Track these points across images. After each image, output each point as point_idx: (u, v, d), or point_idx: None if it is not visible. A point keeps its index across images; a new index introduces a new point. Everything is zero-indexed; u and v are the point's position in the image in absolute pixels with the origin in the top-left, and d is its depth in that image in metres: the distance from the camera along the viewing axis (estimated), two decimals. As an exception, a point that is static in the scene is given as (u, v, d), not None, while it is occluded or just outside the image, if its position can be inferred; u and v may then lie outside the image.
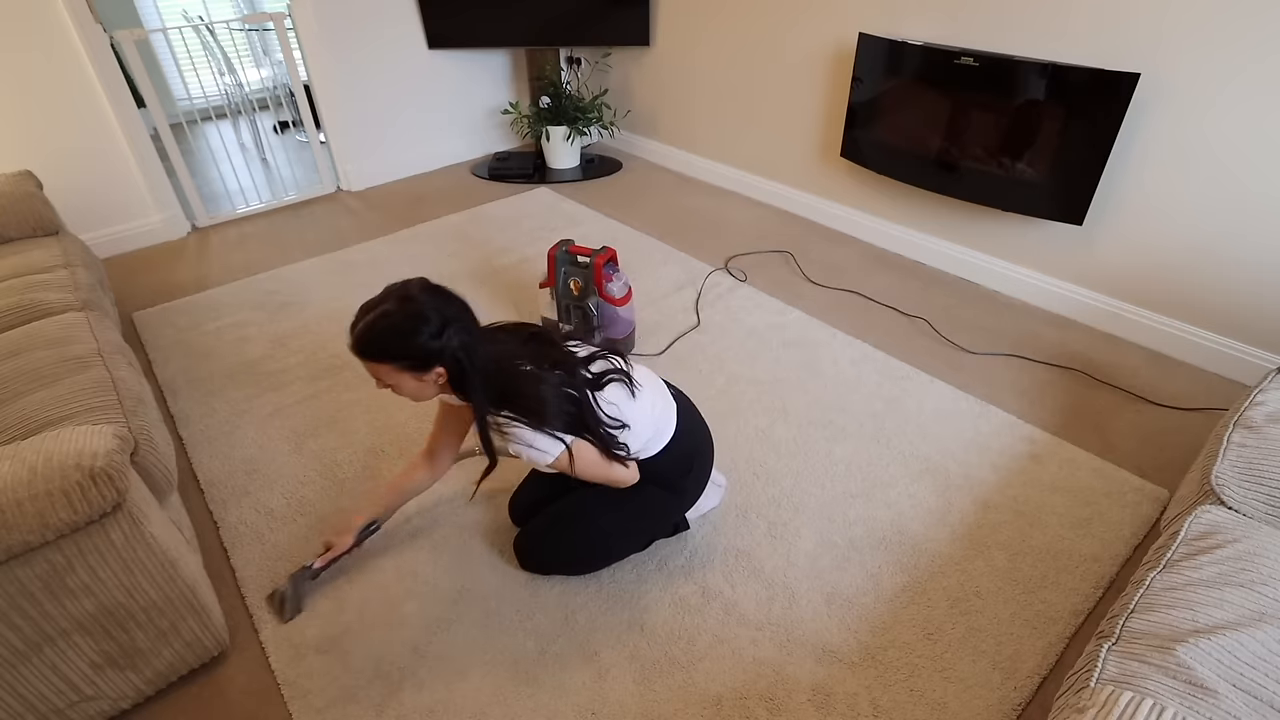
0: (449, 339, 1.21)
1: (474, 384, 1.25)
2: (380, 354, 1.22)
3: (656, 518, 1.57)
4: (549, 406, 1.26)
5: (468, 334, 1.24)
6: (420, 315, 1.21)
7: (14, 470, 1.07)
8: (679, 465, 1.51)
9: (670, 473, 1.50)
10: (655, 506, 1.53)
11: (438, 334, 1.21)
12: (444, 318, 1.22)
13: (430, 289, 1.25)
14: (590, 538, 1.54)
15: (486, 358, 1.26)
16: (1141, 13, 2.00)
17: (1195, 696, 0.87)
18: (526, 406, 1.26)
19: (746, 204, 3.44)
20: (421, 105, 3.79)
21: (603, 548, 1.56)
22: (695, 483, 1.56)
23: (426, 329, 1.20)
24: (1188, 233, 2.13)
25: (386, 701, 1.35)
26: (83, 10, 2.67)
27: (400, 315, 1.21)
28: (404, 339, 1.20)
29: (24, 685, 1.16)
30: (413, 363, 1.22)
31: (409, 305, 1.21)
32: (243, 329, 2.51)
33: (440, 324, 1.21)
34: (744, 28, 3.15)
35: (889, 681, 1.36)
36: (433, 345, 1.21)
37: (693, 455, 1.53)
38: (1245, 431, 1.34)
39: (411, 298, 1.22)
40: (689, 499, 1.57)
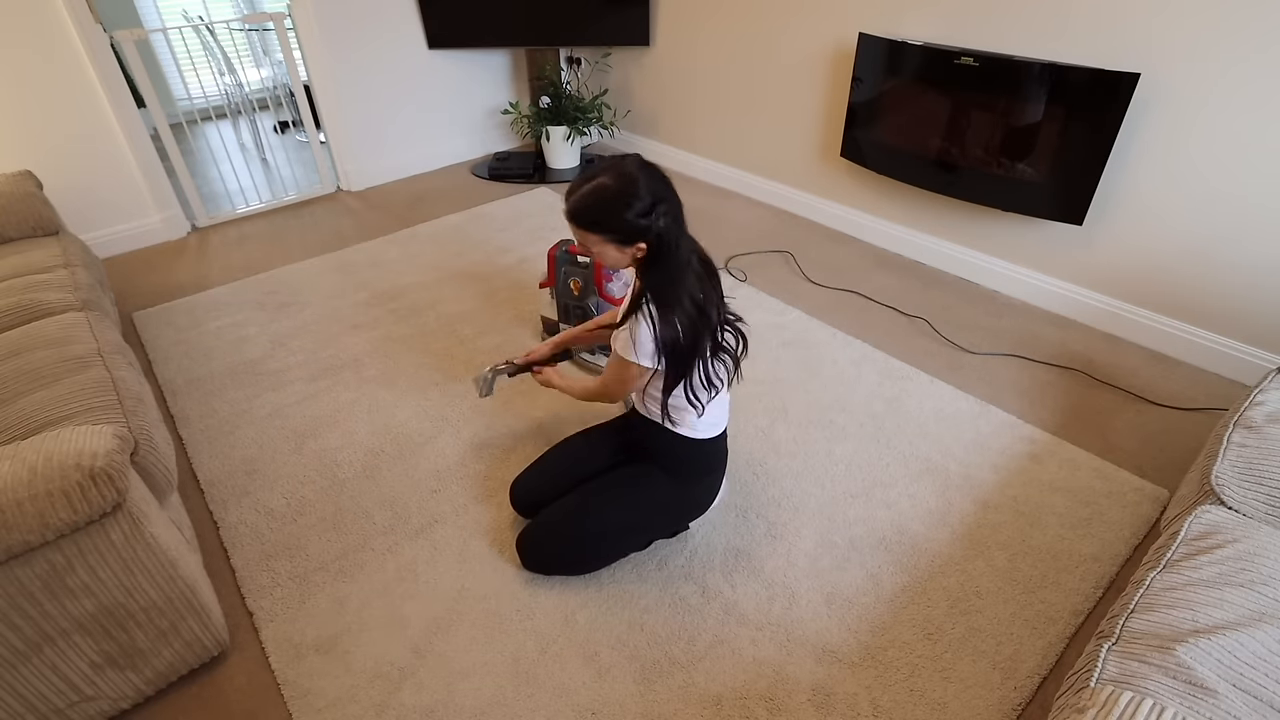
0: (657, 219, 1.27)
1: (658, 268, 1.32)
2: (592, 224, 1.30)
3: (661, 518, 1.60)
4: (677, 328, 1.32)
5: (674, 220, 1.30)
6: (634, 192, 1.26)
7: (14, 470, 1.07)
8: (706, 460, 1.58)
9: (696, 462, 1.56)
10: (662, 506, 1.57)
11: (647, 211, 1.26)
12: (655, 197, 1.27)
13: (645, 166, 1.30)
14: (595, 537, 1.55)
15: (678, 253, 1.31)
16: (1141, 13, 2.00)
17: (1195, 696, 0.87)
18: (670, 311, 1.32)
19: (746, 204, 3.44)
20: (421, 105, 3.79)
21: (606, 546, 1.58)
22: (708, 488, 1.61)
23: (638, 204, 1.26)
24: (1188, 233, 2.13)
25: (386, 701, 1.35)
26: (83, 10, 2.67)
27: (617, 189, 1.26)
28: (616, 213, 1.27)
29: (24, 685, 1.16)
30: (620, 236, 1.29)
31: (626, 181, 1.27)
32: (243, 329, 2.51)
33: (651, 203, 1.27)
34: (744, 27, 3.15)
35: (889, 681, 1.36)
36: (641, 223, 1.27)
37: (718, 459, 1.60)
38: (1245, 431, 1.34)
39: (628, 174, 1.27)
40: (697, 503, 1.60)
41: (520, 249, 3.03)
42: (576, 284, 2.20)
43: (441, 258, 2.98)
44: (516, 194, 3.61)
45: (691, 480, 1.56)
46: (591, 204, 1.28)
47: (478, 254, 3.00)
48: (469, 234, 3.19)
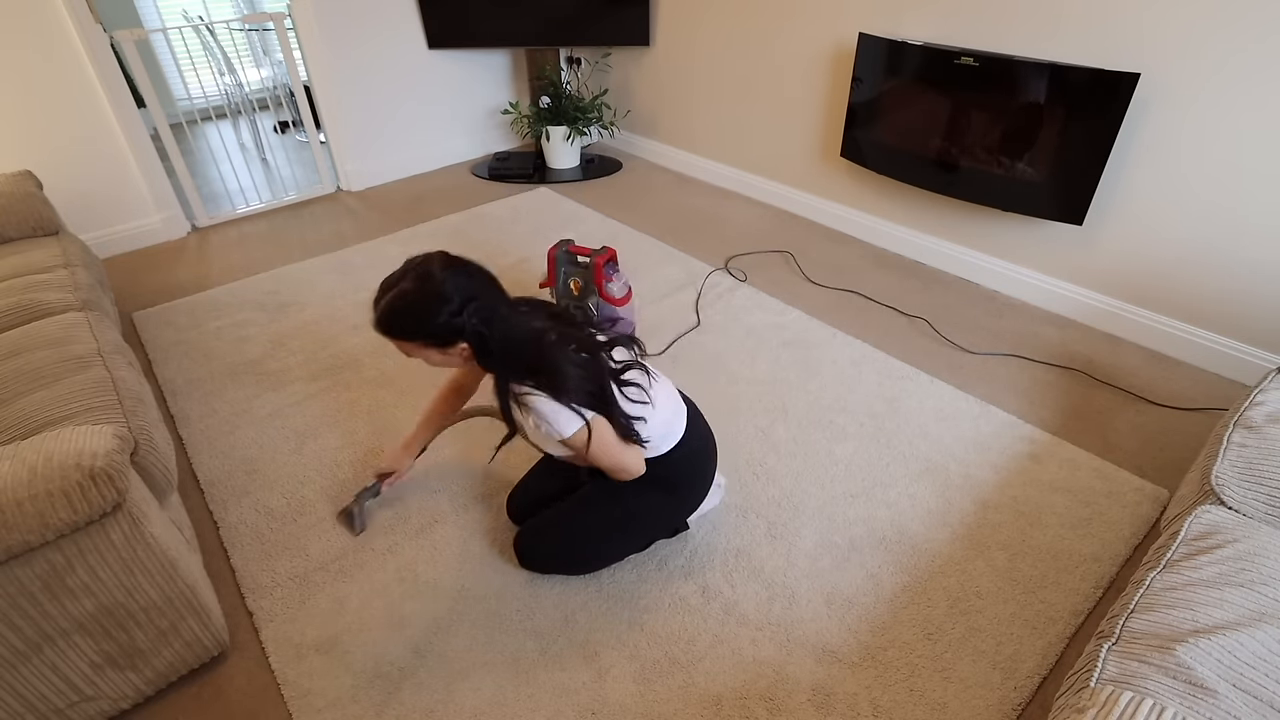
0: (469, 317, 1.21)
1: (496, 359, 1.25)
2: (401, 333, 1.24)
3: (655, 521, 1.57)
4: (571, 380, 1.26)
5: (489, 310, 1.24)
6: (439, 295, 1.20)
7: (14, 470, 1.07)
8: (684, 467, 1.51)
9: (675, 474, 1.50)
10: (654, 510, 1.53)
11: (458, 312, 1.21)
12: (465, 295, 1.21)
13: (451, 264, 1.25)
14: (589, 538, 1.54)
15: (508, 333, 1.25)
16: (1142, 13, 2.00)
17: (1195, 696, 0.87)
18: (550, 380, 1.25)
19: (746, 204, 3.44)
20: (421, 105, 3.79)
21: (601, 549, 1.57)
22: (697, 489, 1.56)
23: (446, 308, 1.20)
24: (1188, 233, 2.13)
25: (386, 701, 1.35)
26: (83, 10, 2.67)
27: (418, 294, 1.20)
28: (424, 318, 1.21)
29: (24, 685, 1.16)
30: (435, 339, 1.23)
31: (428, 284, 1.21)
32: (243, 329, 2.51)
33: (460, 302, 1.21)
34: (744, 27, 3.15)
35: (889, 681, 1.36)
36: (454, 323, 1.21)
37: (698, 459, 1.54)
38: (1245, 431, 1.34)
39: (430, 275, 1.21)
40: (689, 504, 1.57)
41: (520, 249, 3.03)
42: (577, 284, 2.21)
43: (441, 258, 2.97)
44: (516, 194, 3.61)
45: (680, 485, 1.52)
46: (397, 314, 1.22)
47: (477, 254, 2.97)
48: (469, 234, 3.18)
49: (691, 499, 1.56)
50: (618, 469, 1.40)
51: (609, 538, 1.55)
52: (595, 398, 1.29)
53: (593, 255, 2.15)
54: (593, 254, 2.15)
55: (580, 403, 1.27)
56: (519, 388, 1.26)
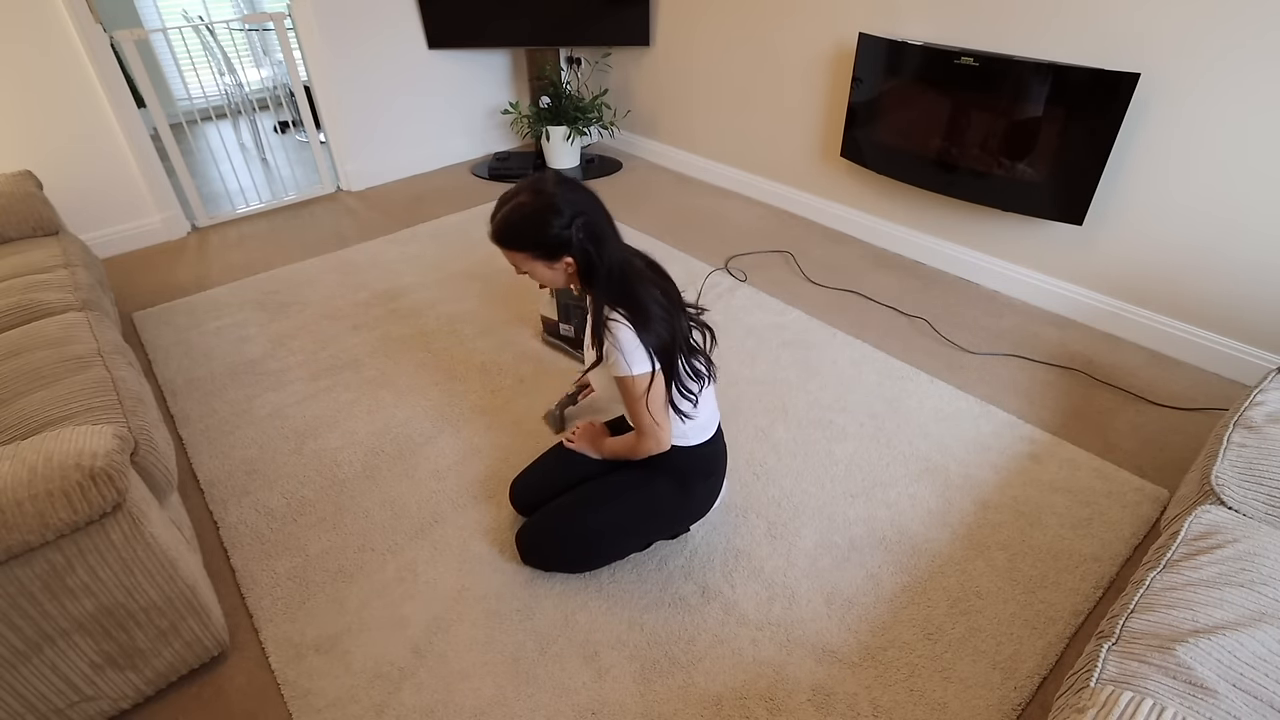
0: (577, 231, 1.29)
1: (599, 276, 1.33)
2: (515, 242, 1.32)
3: (661, 520, 1.58)
4: (653, 320, 1.33)
5: (597, 228, 1.31)
6: (552, 207, 1.28)
7: (14, 470, 1.07)
8: (705, 464, 1.55)
9: (695, 468, 1.53)
10: (662, 504, 1.54)
11: (567, 225, 1.28)
12: (575, 210, 1.29)
13: (564, 182, 1.32)
14: (593, 536, 1.55)
15: (610, 255, 1.33)
16: (1142, 13, 2.00)
17: (1195, 696, 0.87)
18: (636, 312, 1.32)
19: (746, 204, 3.44)
20: (421, 105, 3.79)
21: (605, 546, 1.57)
22: (706, 492, 1.57)
23: (558, 221, 1.28)
24: (1188, 232, 2.13)
25: (386, 701, 1.35)
26: (83, 10, 2.67)
27: (533, 206, 1.29)
28: (536, 229, 1.29)
29: (24, 685, 1.16)
30: (544, 251, 1.31)
31: (541, 197, 1.29)
32: (243, 329, 2.51)
33: (570, 216, 1.28)
34: (744, 27, 3.15)
35: (889, 681, 1.36)
36: (563, 235, 1.29)
37: (715, 462, 1.58)
38: (1245, 431, 1.34)
39: (544, 190, 1.30)
40: (696, 505, 1.58)
41: (520, 249, 3.03)
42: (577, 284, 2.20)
43: (441, 258, 2.98)
44: (516, 194, 3.60)
45: (693, 484, 1.54)
46: (513, 224, 1.30)
47: (478, 254, 3.00)
48: (469, 234, 3.18)
49: (699, 501, 1.57)
50: (650, 433, 1.42)
51: (613, 534, 1.55)
52: (664, 352, 1.35)
53: None
54: None
55: (653, 343, 1.33)
56: (610, 311, 1.32)
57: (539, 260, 1.33)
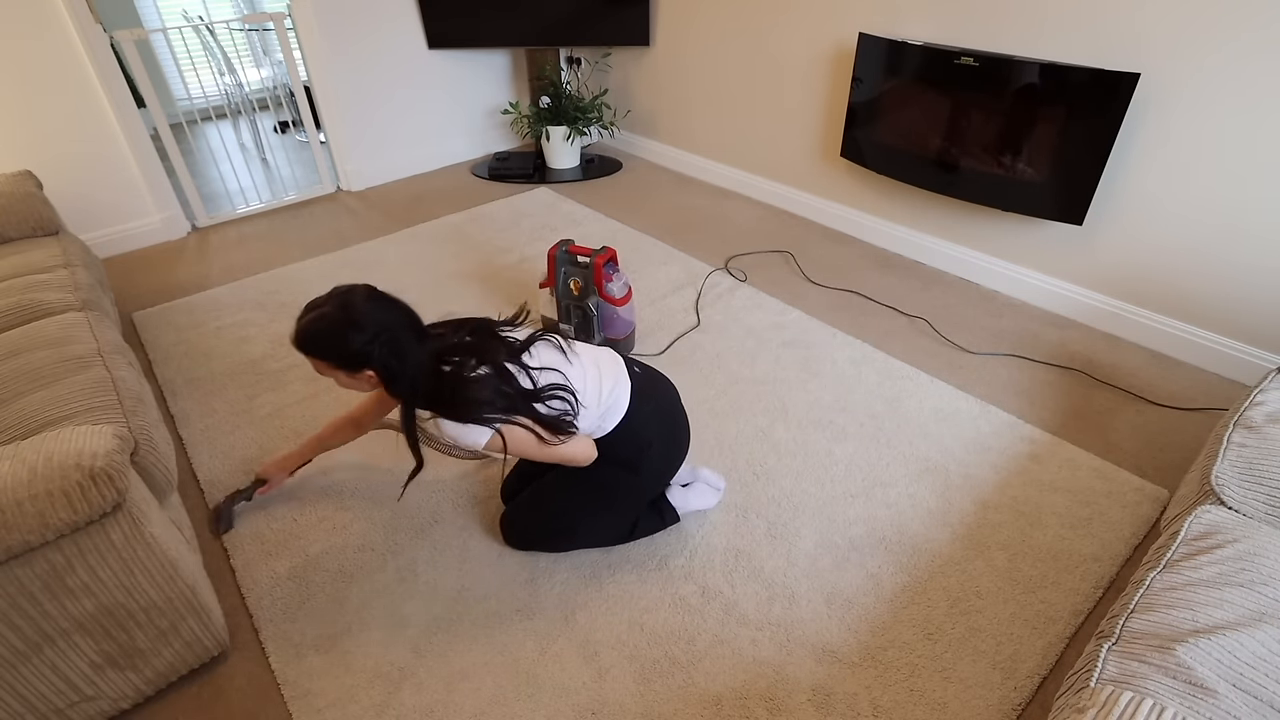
0: (379, 346, 1.28)
1: (402, 389, 1.32)
2: (315, 351, 1.30)
3: (621, 497, 1.58)
4: (475, 406, 1.31)
5: (398, 343, 1.30)
6: (353, 322, 1.27)
7: (14, 470, 1.07)
8: (635, 441, 1.52)
9: (625, 451, 1.52)
10: (618, 486, 1.56)
11: (369, 341, 1.27)
12: (378, 327, 1.28)
13: (374, 297, 1.32)
14: (560, 515, 1.59)
15: (417, 363, 1.31)
16: (1142, 13, 2.00)
17: (1195, 696, 0.87)
18: (451, 408, 1.31)
19: (746, 204, 3.44)
20: (421, 105, 3.79)
21: (573, 525, 1.60)
22: (657, 463, 1.56)
23: (359, 336, 1.27)
24: (1188, 233, 2.13)
25: (386, 701, 1.35)
26: (83, 10, 2.67)
27: (334, 319, 1.28)
28: (336, 341, 1.28)
29: (24, 685, 1.16)
30: (344, 362, 1.29)
31: (346, 311, 1.28)
32: (243, 329, 2.51)
33: (373, 333, 1.27)
34: (744, 27, 3.15)
35: (889, 681, 1.36)
36: (363, 350, 1.27)
37: (650, 434, 1.54)
38: (1245, 431, 1.34)
39: (350, 304, 1.29)
40: (654, 479, 1.58)
41: (520, 249, 3.03)
42: (577, 284, 2.20)
43: (441, 258, 2.98)
44: (516, 194, 3.61)
45: (637, 462, 1.54)
46: (313, 333, 1.29)
47: (478, 254, 3.00)
48: (469, 234, 3.19)
49: (654, 472, 1.57)
50: (562, 460, 1.46)
51: (584, 511, 1.58)
52: (508, 406, 1.33)
53: (593, 255, 2.15)
54: (593, 254, 2.16)
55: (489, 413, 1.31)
56: (422, 414, 1.33)
57: (340, 369, 1.31)
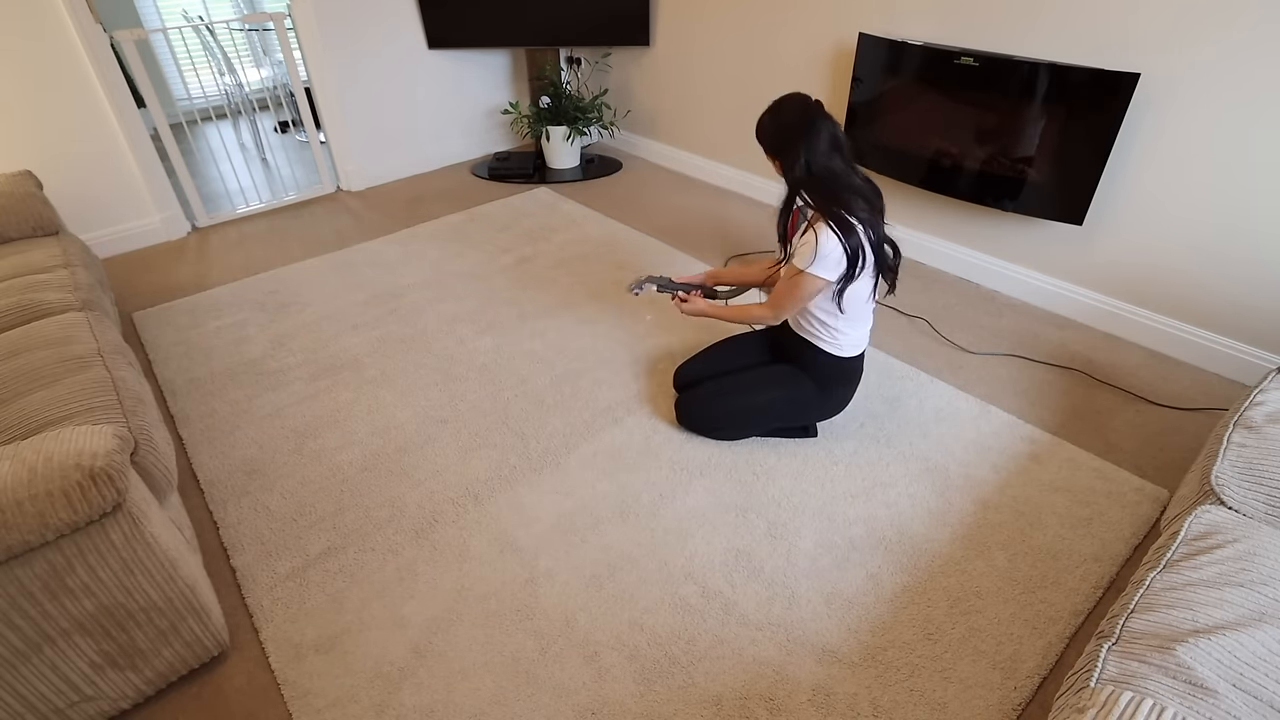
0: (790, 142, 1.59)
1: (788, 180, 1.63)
2: (757, 132, 1.66)
3: (799, 411, 1.87)
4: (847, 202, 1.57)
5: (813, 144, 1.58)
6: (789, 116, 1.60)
7: (14, 470, 1.07)
8: (848, 375, 1.83)
9: (840, 376, 1.82)
10: (803, 401, 1.84)
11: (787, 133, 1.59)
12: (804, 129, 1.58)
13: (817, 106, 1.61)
14: (741, 411, 1.86)
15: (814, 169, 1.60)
16: (1142, 13, 2.00)
17: (1195, 696, 0.87)
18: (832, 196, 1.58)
19: (746, 204, 3.44)
20: (421, 105, 3.79)
21: (748, 421, 1.89)
22: (843, 397, 1.87)
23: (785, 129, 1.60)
24: (1188, 232, 2.13)
25: (386, 701, 1.35)
26: (83, 10, 2.67)
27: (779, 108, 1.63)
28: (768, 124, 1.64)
29: (24, 685, 1.16)
30: (766, 145, 1.66)
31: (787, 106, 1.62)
32: (243, 329, 2.51)
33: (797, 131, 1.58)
34: (744, 28, 3.15)
35: (889, 682, 1.36)
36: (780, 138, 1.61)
37: (856, 374, 1.86)
38: (1245, 431, 1.34)
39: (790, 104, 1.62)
40: (828, 409, 1.89)
41: (520, 249, 3.03)
42: None
43: (441, 258, 2.98)
44: (516, 194, 3.61)
45: (834, 389, 1.82)
46: (762, 121, 1.65)
47: (478, 254, 3.00)
48: (469, 234, 3.18)
49: (834, 404, 1.87)
50: (778, 309, 1.71)
51: (757, 413, 1.86)
52: (852, 261, 1.58)
53: None
54: None
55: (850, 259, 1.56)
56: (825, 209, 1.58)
57: (767, 153, 1.66)
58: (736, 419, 1.88)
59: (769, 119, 1.63)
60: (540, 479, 1.84)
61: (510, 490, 1.80)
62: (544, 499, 1.78)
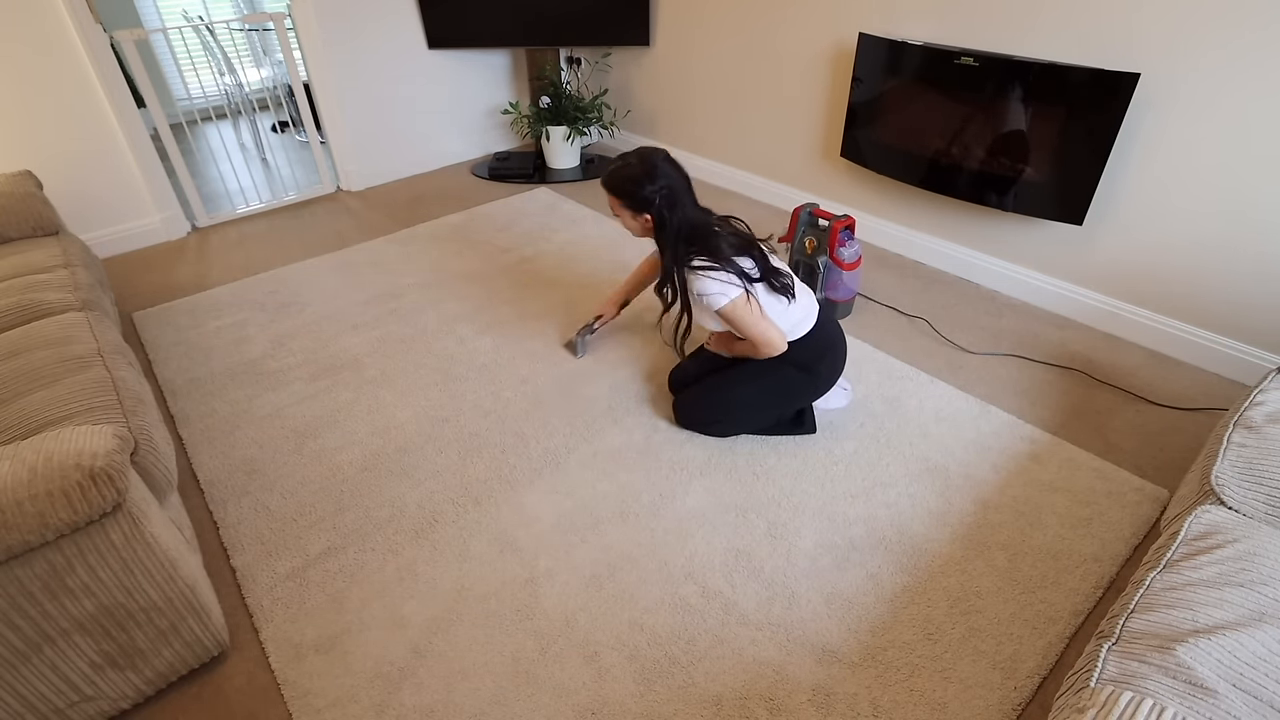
0: (661, 197, 1.70)
1: (668, 236, 1.73)
2: (614, 189, 1.76)
3: (788, 395, 1.90)
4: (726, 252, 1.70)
5: (675, 197, 1.72)
6: (649, 174, 1.70)
7: (14, 470, 1.07)
8: (817, 348, 1.86)
9: (808, 355, 1.85)
10: (789, 385, 1.88)
11: (655, 190, 1.69)
12: (667, 182, 1.71)
13: (669, 160, 1.75)
14: (731, 404, 1.90)
15: (685, 219, 1.73)
16: (1142, 13, 2.00)
17: (1195, 696, 0.87)
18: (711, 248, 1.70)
19: (746, 204, 3.44)
20: (421, 105, 3.79)
21: (742, 415, 1.92)
22: (827, 372, 1.88)
23: (649, 184, 1.70)
24: (1188, 232, 2.13)
25: (386, 702, 1.35)
26: (83, 10, 2.67)
27: (636, 167, 1.72)
28: (631, 184, 1.72)
29: (24, 685, 1.16)
30: (632, 203, 1.74)
31: (645, 165, 1.72)
32: (243, 329, 2.51)
33: (662, 185, 1.70)
34: (744, 27, 3.15)
35: (889, 682, 1.36)
36: (648, 196, 1.70)
37: (826, 347, 1.87)
38: (1245, 431, 1.34)
39: (650, 160, 1.73)
40: (819, 386, 1.89)
41: (520, 249, 3.03)
42: (811, 243, 2.45)
43: (441, 258, 2.98)
44: (516, 194, 3.61)
45: (814, 366, 1.86)
46: (616, 173, 1.75)
47: (477, 254, 3.00)
48: (469, 234, 3.18)
49: (823, 379, 1.88)
50: (762, 341, 1.77)
51: (747, 406, 1.91)
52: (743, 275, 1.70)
53: (832, 220, 2.34)
54: (833, 219, 2.34)
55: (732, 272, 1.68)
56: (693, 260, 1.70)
57: (627, 209, 1.75)
58: (730, 412, 1.92)
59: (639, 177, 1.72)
60: (540, 479, 1.84)
61: (510, 490, 1.80)
62: (544, 499, 1.78)
